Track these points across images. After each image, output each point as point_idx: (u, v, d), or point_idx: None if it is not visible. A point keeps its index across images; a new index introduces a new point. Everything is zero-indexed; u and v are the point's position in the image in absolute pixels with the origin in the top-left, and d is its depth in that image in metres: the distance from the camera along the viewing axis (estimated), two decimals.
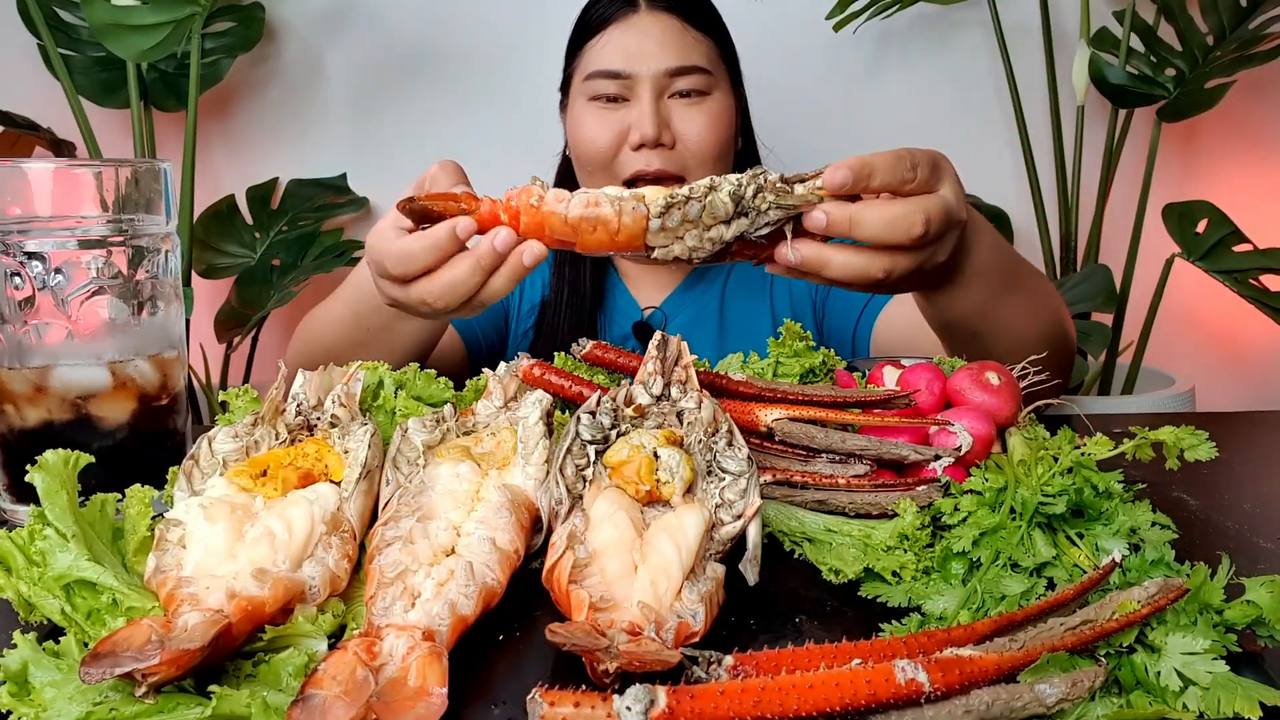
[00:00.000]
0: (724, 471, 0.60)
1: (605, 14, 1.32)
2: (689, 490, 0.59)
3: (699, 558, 0.54)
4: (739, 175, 0.70)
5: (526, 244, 0.73)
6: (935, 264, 0.78)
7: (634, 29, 1.30)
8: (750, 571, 0.56)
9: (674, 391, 0.66)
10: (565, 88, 1.40)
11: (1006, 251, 0.93)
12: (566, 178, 1.46)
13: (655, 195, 0.70)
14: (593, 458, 0.60)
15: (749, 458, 0.60)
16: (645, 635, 0.48)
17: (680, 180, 1.28)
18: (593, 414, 0.63)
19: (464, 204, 0.72)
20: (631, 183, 1.28)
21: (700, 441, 0.62)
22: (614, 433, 0.63)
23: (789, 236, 0.71)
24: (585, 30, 1.34)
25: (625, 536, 0.54)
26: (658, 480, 0.58)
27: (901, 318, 1.24)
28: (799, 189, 0.70)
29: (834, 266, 0.72)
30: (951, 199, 0.76)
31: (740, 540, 0.57)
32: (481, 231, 0.73)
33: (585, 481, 0.59)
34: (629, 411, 0.64)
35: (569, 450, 0.60)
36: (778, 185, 0.69)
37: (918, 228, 0.72)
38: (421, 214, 0.73)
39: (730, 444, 0.62)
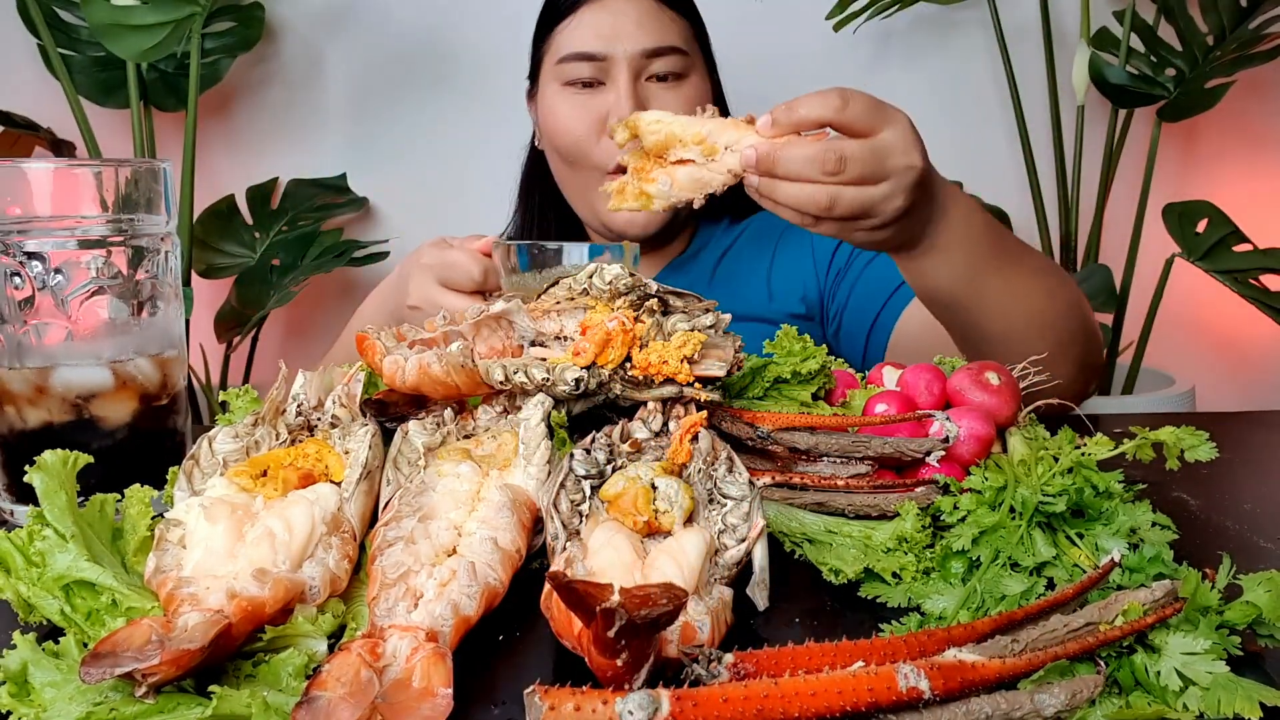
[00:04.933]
0: (725, 497, 0.59)
1: None
2: (690, 520, 0.58)
3: (703, 580, 0.53)
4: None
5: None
6: (892, 211, 0.82)
7: (607, 9, 1.25)
8: (760, 596, 0.55)
9: (673, 426, 0.65)
10: (534, 75, 1.36)
11: (996, 230, 0.94)
12: (536, 173, 1.41)
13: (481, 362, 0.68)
14: (588, 493, 0.59)
15: (750, 482, 0.60)
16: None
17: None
18: (587, 450, 0.61)
19: None
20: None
21: (700, 470, 0.61)
22: (610, 468, 0.61)
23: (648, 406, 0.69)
24: (555, 12, 1.29)
25: (625, 559, 0.53)
26: (655, 510, 0.57)
27: (917, 321, 1.19)
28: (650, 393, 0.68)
29: (783, 164, 0.79)
30: (891, 143, 0.80)
31: (748, 566, 0.56)
32: None
33: (582, 517, 0.58)
34: (625, 447, 0.63)
35: (562, 485, 0.59)
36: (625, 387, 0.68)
37: (830, 164, 0.78)
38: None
39: (731, 470, 0.61)
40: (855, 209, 0.81)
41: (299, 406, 0.69)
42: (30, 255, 0.69)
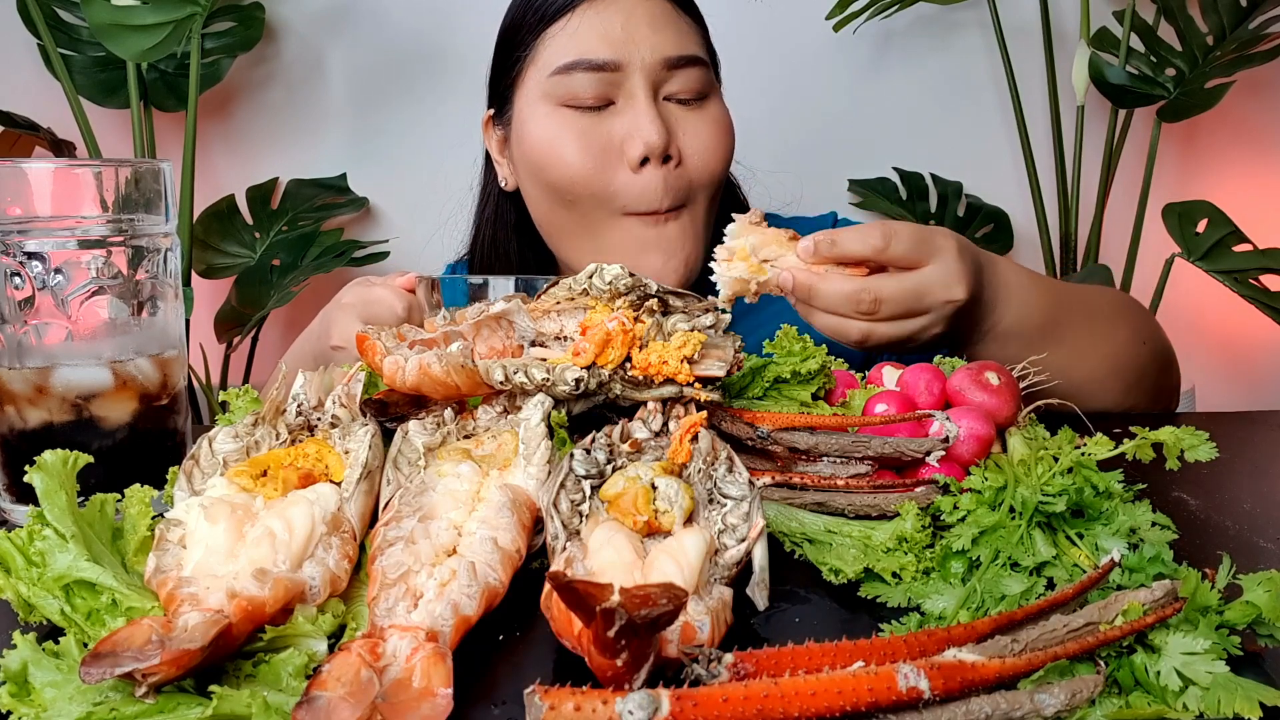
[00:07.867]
0: (725, 497, 0.59)
1: None
2: (690, 520, 0.57)
3: (703, 579, 0.53)
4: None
5: None
6: (929, 338, 0.83)
7: (614, 8, 1.04)
8: (759, 596, 0.55)
9: (673, 426, 0.65)
10: (503, 94, 1.14)
11: (1043, 306, 0.91)
12: (501, 222, 1.23)
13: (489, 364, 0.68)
14: (588, 493, 0.59)
15: (750, 481, 0.60)
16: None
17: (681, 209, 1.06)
18: (587, 450, 0.62)
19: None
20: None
21: (700, 470, 0.61)
22: (610, 468, 0.61)
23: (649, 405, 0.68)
24: (539, 13, 1.07)
25: (625, 559, 0.53)
26: (655, 510, 0.57)
27: None
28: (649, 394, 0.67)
29: (819, 298, 0.79)
30: (932, 279, 0.80)
31: (748, 566, 0.56)
32: None
33: (582, 517, 0.58)
34: (625, 447, 0.63)
35: (562, 485, 0.59)
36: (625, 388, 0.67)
37: (865, 305, 0.79)
38: None
39: (730, 470, 0.61)
40: (890, 341, 0.82)
41: (299, 406, 0.69)
42: (30, 255, 0.69)
